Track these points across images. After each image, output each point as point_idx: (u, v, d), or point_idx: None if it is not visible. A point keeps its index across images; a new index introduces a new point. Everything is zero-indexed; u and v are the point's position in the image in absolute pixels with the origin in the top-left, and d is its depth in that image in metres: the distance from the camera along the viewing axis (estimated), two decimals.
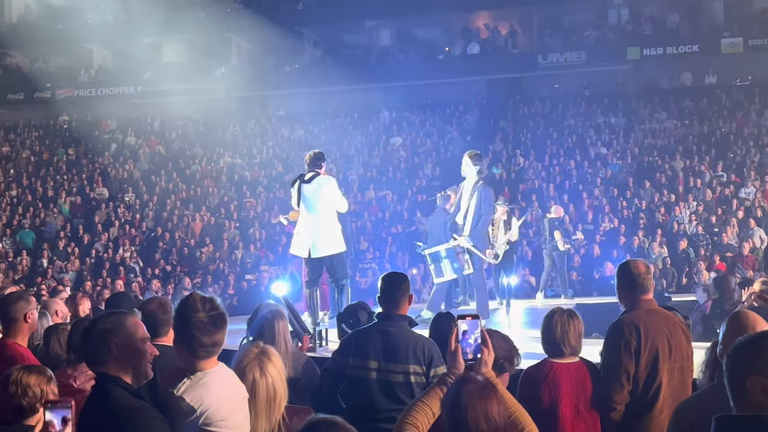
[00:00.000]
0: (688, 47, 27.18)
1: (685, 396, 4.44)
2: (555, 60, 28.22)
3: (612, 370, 4.49)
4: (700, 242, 17.93)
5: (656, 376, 4.45)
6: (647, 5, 28.39)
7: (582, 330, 4.62)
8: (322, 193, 8.96)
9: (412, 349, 4.57)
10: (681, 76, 28.19)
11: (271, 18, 28.10)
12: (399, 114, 27.95)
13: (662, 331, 4.51)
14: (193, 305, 3.26)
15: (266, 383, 3.38)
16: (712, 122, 24.77)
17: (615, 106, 26.43)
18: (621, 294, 4.74)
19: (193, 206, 23.71)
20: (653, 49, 27.03)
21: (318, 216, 8.90)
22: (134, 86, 31.14)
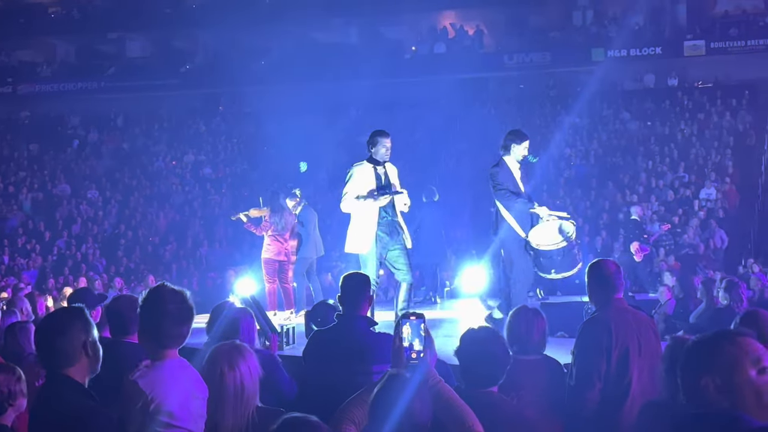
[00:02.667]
0: (651, 49, 27.50)
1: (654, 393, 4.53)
2: (520, 60, 28.40)
3: (584, 368, 4.55)
4: (662, 242, 18.15)
5: (626, 374, 4.52)
6: (611, 7, 28.66)
7: (545, 328, 4.70)
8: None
9: (373, 349, 4.61)
10: (644, 77, 28.51)
11: (238, 14, 27.94)
12: (366, 112, 27.94)
13: (633, 330, 4.59)
14: (163, 295, 3.27)
15: (234, 378, 3.38)
16: (674, 124, 25.09)
17: (579, 106, 26.64)
18: (592, 293, 4.82)
19: (157, 203, 23.53)
20: (617, 50, 27.30)
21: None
22: (98, 81, 30.77)
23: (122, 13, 29.62)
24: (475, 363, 3.81)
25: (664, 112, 26.08)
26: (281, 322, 8.23)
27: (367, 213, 7.78)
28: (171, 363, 3.23)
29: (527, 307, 4.85)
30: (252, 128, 27.83)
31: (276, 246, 10.96)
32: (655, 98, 26.99)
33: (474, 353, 3.82)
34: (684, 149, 23.32)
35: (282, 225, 10.94)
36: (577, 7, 29.28)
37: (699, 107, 25.93)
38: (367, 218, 7.83)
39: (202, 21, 29.05)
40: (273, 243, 10.97)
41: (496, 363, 3.80)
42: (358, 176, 7.88)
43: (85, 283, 16.57)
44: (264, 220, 11.07)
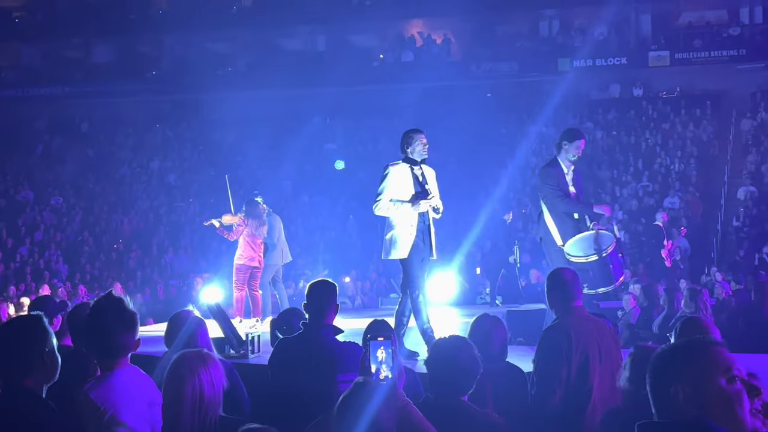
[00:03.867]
0: (617, 59, 27.78)
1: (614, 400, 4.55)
2: (488, 69, 28.54)
3: (544, 375, 4.57)
4: (626, 251, 18.31)
5: (587, 381, 4.54)
6: (577, 18, 28.92)
7: (506, 336, 4.72)
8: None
9: (339, 357, 4.59)
10: (610, 87, 28.79)
11: (204, 20, 27.80)
12: (333, 120, 27.92)
13: (593, 338, 4.62)
14: (103, 306, 3.23)
15: (193, 385, 3.34)
16: (638, 133, 25.36)
17: (545, 115, 26.82)
18: (551, 302, 4.84)
19: (122, 210, 23.28)
20: (583, 60, 27.54)
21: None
22: (62, 87, 30.41)
23: (87, 19, 29.31)
24: (444, 372, 3.80)
25: (629, 121, 26.35)
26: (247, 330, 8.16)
27: (406, 217, 7.29)
28: (122, 372, 3.19)
29: (488, 315, 4.87)
30: (218, 135, 27.67)
31: (250, 253, 10.90)
32: (620, 108, 27.26)
33: (443, 363, 3.81)
34: (648, 159, 23.57)
35: (260, 231, 10.89)
36: (544, 17, 29.51)
37: (663, 117, 26.23)
38: (406, 222, 7.31)
39: (167, 27, 28.87)
40: (247, 249, 10.90)
41: (465, 372, 3.79)
42: (395, 177, 7.29)
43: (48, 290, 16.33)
44: (237, 226, 10.99)
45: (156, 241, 21.43)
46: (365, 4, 29.03)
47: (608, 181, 22.46)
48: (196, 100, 29.63)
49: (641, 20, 28.94)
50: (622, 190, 21.82)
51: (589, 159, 24.13)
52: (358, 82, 27.53)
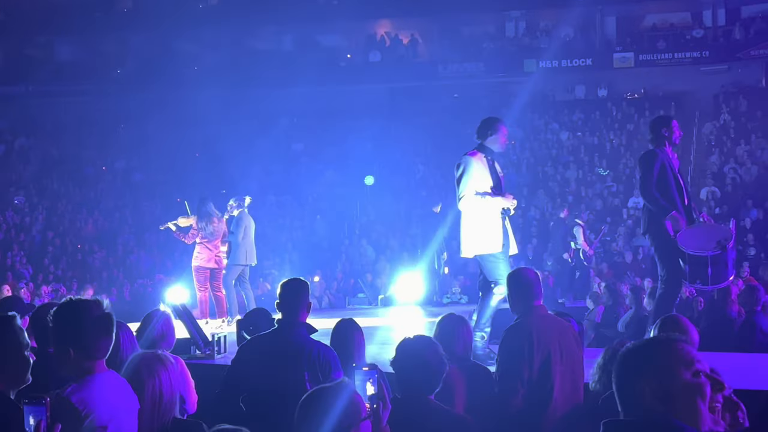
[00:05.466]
0: (582, 61, 28.01)
1: (576, 398, 4.60)
2: (455, 70, 28.65)
3: (506, 374, 4.61)
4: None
5: (549, 380, 4.58)
6: (543, 19, 29.14)
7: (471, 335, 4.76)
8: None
9: (310, 356, 4.59)
10: (575, 88, 29.03)
11: (170, 19, 27.58)
12: (300, 120, 27.85)
13: (554, 337, 4.67)
14: (85, 306, 3.19)
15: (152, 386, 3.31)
16: (603, 134, 25.59)
17: (511, 116, 26.96)
18: (513, 301, 4.88)
19: (86, 210, 23.04)
20: (549, 61, 27.73)
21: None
22: (26, 85, 29.99)
23: (51, 17, 28.94)
24: (410, 371, 3.81)
25: (594, 122, 26.59)
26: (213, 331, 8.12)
27: (494, 210, 6.87)
28: (101, 377, 3.16)
29: (453, 315, 4.90)
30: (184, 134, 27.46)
31: (206, 253, 10.84)
32: (585, 109, 27.50)
33: (409, 362, 3.82)
34: (613, 159, 23.80)
35: (209, 231, 10.81)
36: (510, 18, 29.67)
37: (628, 118, 26.50)
38: (494, 215, 6.87)
39: (133, 25, 28.60)
40: (203, 250, 10.86)
41: (431, 371, 3.81)
42: (475, 168, 6.85)
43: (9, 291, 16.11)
44: (192, 228, 10.93)
45: (121, 241, 21.24)
46: (332, 4, 29.00)
47: (573, 182, 22.65)
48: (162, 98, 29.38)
49: (606, 22, 29.22)
50: (588, 191, 22.01)
51: (555, 159, 24.33)
52: (326, 82, 27.50)
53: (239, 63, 28.33)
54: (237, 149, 23.92)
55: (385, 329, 9.88)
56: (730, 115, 25.31)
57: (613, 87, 28.57)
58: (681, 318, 4.54)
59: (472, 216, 6.87)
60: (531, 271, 5.03)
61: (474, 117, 28.61)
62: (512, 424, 4.55)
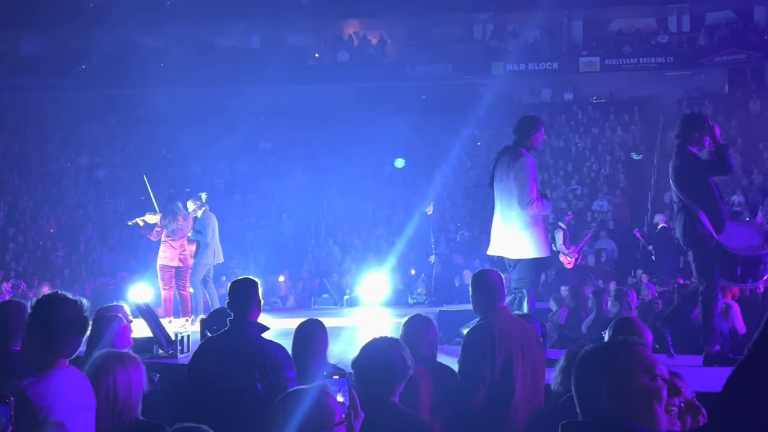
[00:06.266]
0: (549, 64, 28.20)
1: (537, 399, 4.64)
2: (423, 71, 28.71)
3: (469, 374, 4.63)
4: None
5: (510, 381, 4.62)
6: (511, 22, 29.28)
7: (437, 336, 4.78)
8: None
9: (260, 355, 4.64)
10: (541, 91, 29.21)
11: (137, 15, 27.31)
12: (268, 119, 27.74)
13: (516, 338, 4.70)
14: (61, 303, 3.16)
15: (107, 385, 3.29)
16: (568, 137, 25.79)
17: (479, 118, 27.07)
18: (476, 302, 4.91)
19: (48, 206, 22.75)
20: (515, 64, 27.89)
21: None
22: None
23: (16, 11, 28.53)
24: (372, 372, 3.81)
25: (560, 125, 26.78)
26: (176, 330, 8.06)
27: (542, 214, 6.99)
28: (62, 372, 3.13)
29: (420, 316, 4.91)
30: (149, 131, 27.24)
31: (170, 252, 10.76)
32: (551, 112, 27.67)
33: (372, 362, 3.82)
34: (578, 162, 23.99)
35: (173, 229, 10.73)
36: (478, 20, 29.79)
37: (593, 122, 26.73)
38: (543, 219, 7.02)
39: (99, 21, 28.27)
40: (167, 249, 10.78)
41: (394, 373, 3.81)
42: (535, 168, 6.95)
43: None
44: (157, 225, 10.86)
45: (84, 239, 21.01)
46: (301, 3, 28.91)
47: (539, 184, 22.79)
48: (127, 95, 29.10)
49: (573, 26, 29.46)
50: (552, 193, 22.14)
51: None
52: (293, 81, 27.42)
53: (206, 60, 28.15)
54: (203, 147, 23.79)
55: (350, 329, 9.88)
56: None
57: (579, 90, 28.80)
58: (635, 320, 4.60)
59: (528, 218, 6.91)
60: (495, 272, 5.07)
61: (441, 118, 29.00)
62: (473, 424, 4.57)
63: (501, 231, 7.02)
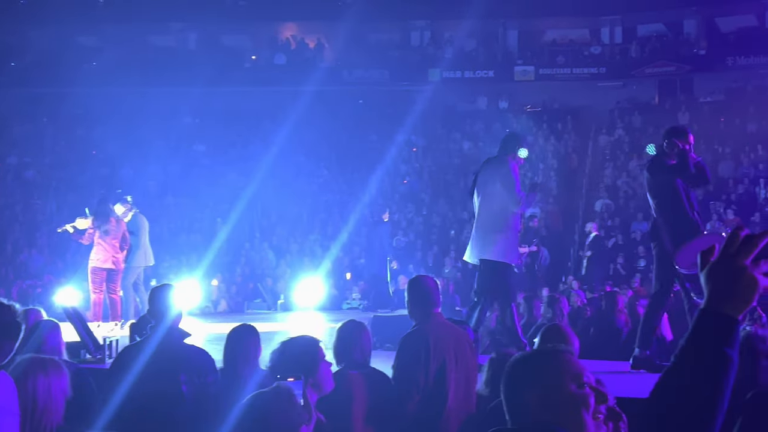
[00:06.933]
0: (484, 72, 28.53)
1: (469, 405, 4.68)
2: (360, 76, 28.74)
3: (403, 380, 4.65)
4: None
5: (443, 387, 4.64)
6: (447, 30, 29.51)
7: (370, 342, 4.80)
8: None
9: (184, 360, 4.66)
10: (477, 99, 29.51)
11: (71, 12, 26.78)
12: (202, 120, 27.44)
13: (450, 344, 4.74)
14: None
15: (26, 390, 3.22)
16: None
17: (415, 124, 27.24)
18: (411, 308, 4.93)
19: None
20: (452, 72, 28.13)
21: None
22: None
23: None
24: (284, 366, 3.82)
25: (495, 133, 27.04)
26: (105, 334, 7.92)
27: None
28: None
29: (354, 321, 4.92)
30: (81, 131, 26.70)
31: (103, 254, 10.57)
32: (486, 120, 27.97)
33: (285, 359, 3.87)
34: None
35: (106, 229, 10.55)
36: (415, 27, 29.98)
37: (527, 130, 27.07)
38: (518, 225, 7.31)
39: (32, 17, 27.61)
40: (99, 251, 10.59)
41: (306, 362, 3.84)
42: (518, 173, 7.27)
43: None
44: (89, 229, 10.66)
45: (11, 240, 20.50)
46: (238, 5, 28.70)
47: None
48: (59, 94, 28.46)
49: (508, 35, 29.85)
50: None
51: (457, 169, 24.68)
52: (229, 82, 27.20)
53: (141, 60, 27.72)
54: (135, 148, 23.42)
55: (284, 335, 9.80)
56: (624, 130, 26.19)
57: (514, 99, 29.18)
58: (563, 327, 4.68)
59: (510, 222, 7.18)
60: (430, 278, 5.10)
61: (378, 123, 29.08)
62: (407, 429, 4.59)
63: (482, 236, 7.20)
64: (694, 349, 1.72)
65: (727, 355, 1.70)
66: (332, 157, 25.45)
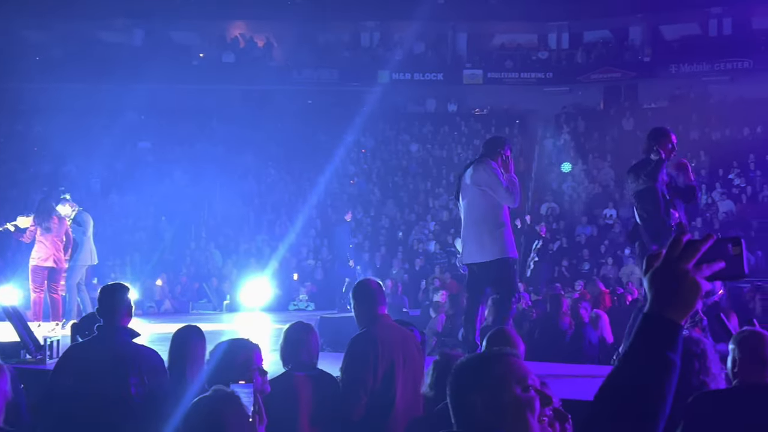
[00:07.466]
0: (433, 75, 28.67)
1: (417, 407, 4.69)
2: (309, 76, 28.66)
3: (351, 382, 4.64)
4: (437, 260, 18.89)
5: (391, 389, 4.65)
6: (397, 32, 29.58)
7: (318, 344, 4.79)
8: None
9: (133, 361, 4.59)
10: (426, 102, 29.64)
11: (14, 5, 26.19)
12: (148, 118, 27.08)
13: (397, 346, 4.75)
14: None
15: None
16: (451, 148, 26.25)
17: (364, 125, 27.25)
18: (358, 311, 4.94)
19: None
20: (401, 74, 28.21)
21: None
22: None
23: None
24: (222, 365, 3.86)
25: (443, 136, 27.23)
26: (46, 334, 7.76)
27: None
28: None
29: (301, 323, 4.90)
30: (23, 126, 26.15)
31: (44, 252, 10.38)
32: (435, 122, 28.13)
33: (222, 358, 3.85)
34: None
35: (47, 226, 10.36)
36: (366, 28, 29.99)
37: (475, 133, 27.29)
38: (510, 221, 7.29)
39: None
40: (41, 249, 10.39)
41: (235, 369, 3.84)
42: (500, 170, 7.24)
43: None
44: (30, 227, 10.46)
45: None
46: (188, 1, 28.37)
47: (422, 193, 23.11)
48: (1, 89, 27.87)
49: (458, 38, 30.03)
50: (435, 202, 22.51)
51: (405, 170, 24.76)
52: (177, 79, 26.88)
53: (87, 56, 27.25)
54: (79, 145, 23.01)
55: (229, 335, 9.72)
56: (569, 134, 26.54)
57: (463, 102, 29.38)
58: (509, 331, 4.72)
59: (499, 219, 7.12)
60: (374, 281, 5.13)
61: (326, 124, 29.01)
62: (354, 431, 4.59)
63: (479, 238, 7.11)
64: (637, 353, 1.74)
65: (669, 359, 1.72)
66: (280, 157, 25.32)
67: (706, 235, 1.77)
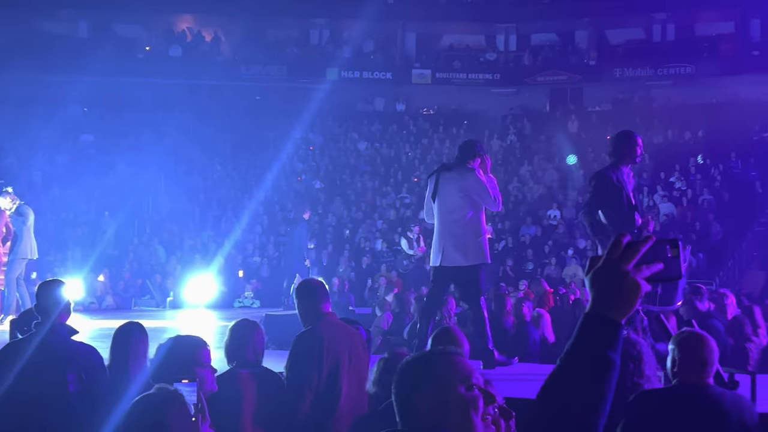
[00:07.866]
0: (382, 74, 28.70)
1: (362, 405, 4.70)
2: (257, 72, 28.46)
3: (296, 380, 4.63)
4: (384, 259, 18.94)
5: (336, 387, 4.65)
6: (347, 30, 29.56)
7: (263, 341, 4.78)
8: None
9: (72, 358, 4.54)
10: (374, 100, 29.67)
11: None
12: (92, 110, 26.63)
13: (343, 344, 4.76)
14: None
15: None
16: (399, 147, 26.33)
17: (312, 122, 27.18)
18: (302, 310, 4.94)
19: None
20: (350, 72, 28.19)
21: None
22: None
23: None
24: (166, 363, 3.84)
25: (391, 135, 27.30)
26: None
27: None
28: None
29: (247, 320, 4.88)
30: None
31: None
32: (383, 121, 28.18)
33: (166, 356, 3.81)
34: (407, 171, 24.52)
35: None
36: (315, 25, 29.90)
37: (423, 133, 27.42)
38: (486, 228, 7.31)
39: None
40: None
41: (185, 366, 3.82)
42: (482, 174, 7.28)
43: None
44: None
45: None
46: None
47: (369, 191, 23.13)
48: None
49: (407, 38, 30.11)
50: (382, 200, 22.55)
51: (353, 168, 24.75)
52: (121, 72, 26.46)
53: (28, 46, 26.67)
54: (20, 137, 22.54)
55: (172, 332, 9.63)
56: (516, 136, 26.81)
57: (411, 102, 29.49)
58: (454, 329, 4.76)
59: (480, 225, 7.13)
60: (316, 280, 5.16)
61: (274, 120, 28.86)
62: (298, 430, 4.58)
63: (455, 243, 7.06)
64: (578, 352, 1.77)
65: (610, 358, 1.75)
66: (227, 153, 25.13)
67: (645, 236, 1.80)
